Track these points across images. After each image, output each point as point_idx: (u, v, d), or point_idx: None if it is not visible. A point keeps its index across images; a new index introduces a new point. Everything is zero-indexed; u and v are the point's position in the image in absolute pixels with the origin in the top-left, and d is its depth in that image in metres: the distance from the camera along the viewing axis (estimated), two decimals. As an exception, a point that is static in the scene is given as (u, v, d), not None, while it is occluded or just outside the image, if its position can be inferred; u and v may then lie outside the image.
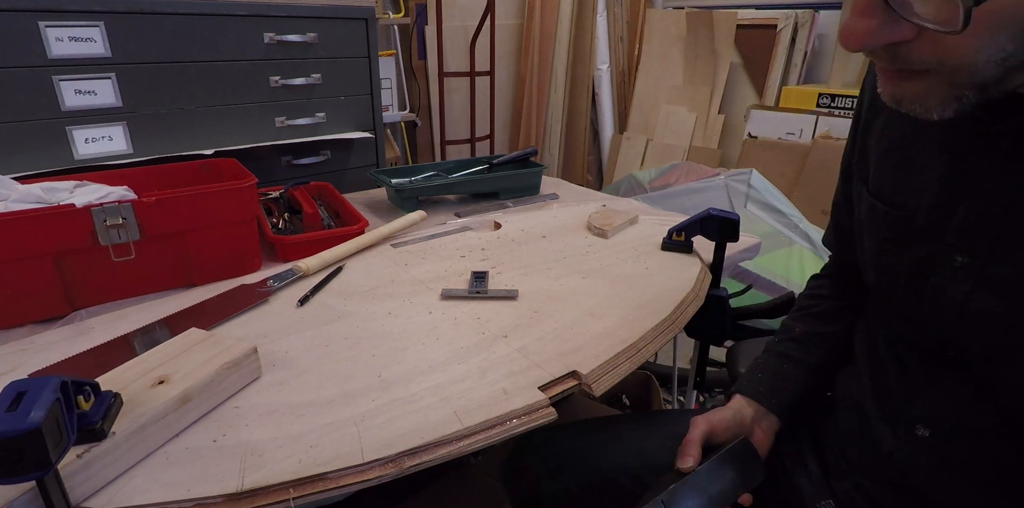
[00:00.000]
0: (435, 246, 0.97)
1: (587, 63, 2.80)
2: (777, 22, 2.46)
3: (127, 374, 0.54)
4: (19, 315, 0.72)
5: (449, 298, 0.79)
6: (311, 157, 1.29)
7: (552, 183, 1.36)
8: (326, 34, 1.20)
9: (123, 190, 0.82)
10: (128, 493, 0.46)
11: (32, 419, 0.36)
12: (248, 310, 0.76)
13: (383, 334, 0.70)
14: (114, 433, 0.46)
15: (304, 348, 0.67)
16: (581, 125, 2.92)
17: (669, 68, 2.77)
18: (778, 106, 2.46)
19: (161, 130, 1.07)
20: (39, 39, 0.91)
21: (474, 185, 1.22)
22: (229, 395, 0.58)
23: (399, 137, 2.59)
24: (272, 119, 1.20)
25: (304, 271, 0.84)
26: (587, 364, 0.63)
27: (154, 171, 0.95)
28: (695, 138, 2.70)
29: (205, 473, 0.48)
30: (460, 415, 0.55)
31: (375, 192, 1.29)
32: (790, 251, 1.83)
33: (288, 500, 0.46)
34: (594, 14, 2.73)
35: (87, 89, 0.97)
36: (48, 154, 0.97)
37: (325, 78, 1.24)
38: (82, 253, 0.73)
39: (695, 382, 1.05)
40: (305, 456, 0.50)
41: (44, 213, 0.69)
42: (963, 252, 0.47)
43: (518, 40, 2.82)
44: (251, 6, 1.10)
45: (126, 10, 0.97)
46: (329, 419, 0.55)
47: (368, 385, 0.60)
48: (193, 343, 0.60)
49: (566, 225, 1.06)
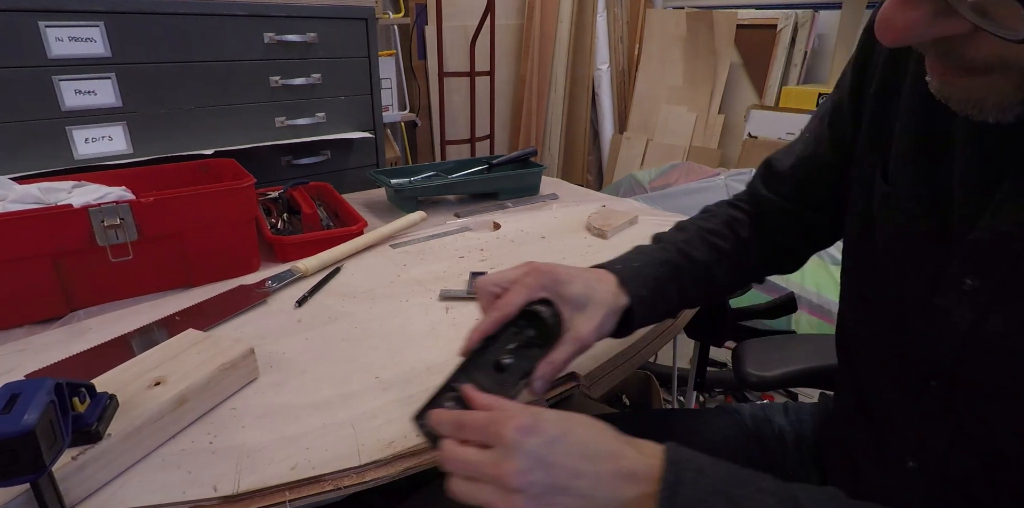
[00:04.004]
0: (434, 247, 0.97)
1: (587, 63, 2.80)
2: (777, 22, 2.46)
3: (124, 375, 0.54)
4: (17, 316, 0.72)
5: (448, 299, 0.78)
6: (311, 157, 1.29)
7: (552, 183, 1.36)
8: (326, 34, 1.20)
9: (121, 190, 0.82)
10: (123, 495, 0.46)
11: (26, 421, 0.35)
12: (246, 311, 0.75)
13: (381, 335, 0.70)
14: (110, 435, 0.46)
15: (302, 349, 0.67)
16: (581, 125, 2.91)
17: (669, 68, 2.76)
18: (778, 106, 2.46)
19: (161, 130, 1.06)
20: (39, 39, 0.91)
21: (473, 185, 1.22)
22: (226, 396, 0.57)
23: (399, 137, 2.59)
24: (272, 119, 1.20)
25: (303, 272, 0.84)
26: (586, 365, 0.63)
27: (153, 171, 0.95)
28: (695, 138, 2.70)
29: (201, 475, 0.48)
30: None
31: (375, 192, 1.29)
32: (790, 251, 1.82)
33: (284, 502, 0.46)
34: (594, 14, 2.73)
35: (87, 89, 0.97)
36: (48, 154, 0.96)
37: (325, 78, 1.23)
38: (80, 254, 0.73)
39: (695, 382, 1.05)
40: (302, 458, 0.49)
41: (42, 214, 0.69)
42: (974, 275, 0.41)
43: (518, 40, 2.82)
44: (251, 6, 1.09)
45: (126, 10, 0.97)
46: (326, 420, 0.54)
47: (366, 386, 0.60)
48: (190, 344, 0.59)
49: (565, 225, 1.05)
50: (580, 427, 0.39)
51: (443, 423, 0.42)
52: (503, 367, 0.48)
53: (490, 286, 0.52)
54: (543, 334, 0.50)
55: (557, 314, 0.50)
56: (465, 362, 0.49)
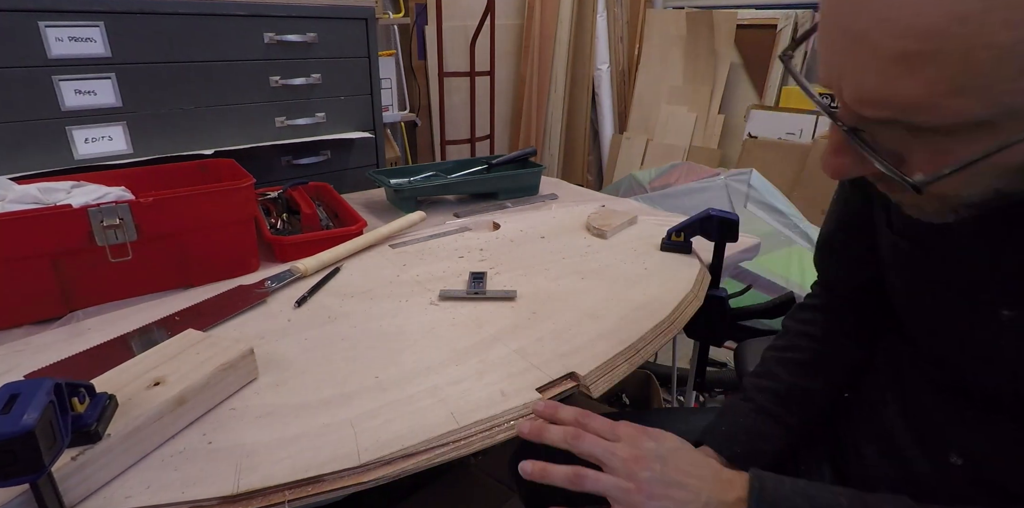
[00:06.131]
0: (433, 247, 0.97)
1: (587, 63, 2.80)
2: (777, 22, 2.46)
3: (123, 375, 0.54)
4: (16, 316, 0.72)
5: (447, 299, 0.78)
6: (311, 157, 1.29)
7: (551, 183, 1.36)
8: (326, 34, 1.20)
9: (120, 190, 0.82)
10: (123, 496, 0.46)
11: (25, 422, 0.35)
12: (245, 311, 0.75)
13: (381, 335, 0.70)
14: (109, 435, 0.46)
15: (301, 349, 0.67)
16: (581, 125, 2.91)
17: (669, 68, 2.76)
18: (778, 106, 2.46)
19: (161, 130, 1.06)
20: (39, 39, 0.91)
21: (473, 185, 1.22)
22: (225, 397, 0.57)
23: (399, 137, 2.59)
24: (272, 119, 1.20)
25: (302, 272, 0.84)
26: (585, 365, 0.63)
27: (152, 171, 0.95)
28: (695, 138, 2.70)
29: (200, 475, 0.48)
30: (457, 416, 0.55)
31: (374, 192, 1.29)
32: (790, 251, 1.82)
33: (283, 503, 0.46)
34: (594, 14, 2.73)
35: (87, 89, 0.97)
36: (48, 154, 0.96)
37: (325, 78, 1.23)
38: (79, 254, 0.73)
39: (695, 382, 1.05)
40: (301, 458, 0.49)
41: (41, 214, 0.69)
42: (1010, 306, 0.43)
43: (518, 40, 2.82)
44: (251, 6, 1.09)
45: (126, 10, 0.97)
46: (326, 420, 0.54)
47: (365, 386, 0.60)
48: (190, 344, 0.59)
49: (565, 225, 1.05)
50: (684, 445, 0.51)
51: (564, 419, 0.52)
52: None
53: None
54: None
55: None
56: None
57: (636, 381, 1.42)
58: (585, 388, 0.62)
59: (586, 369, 0.62)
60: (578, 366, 0.63)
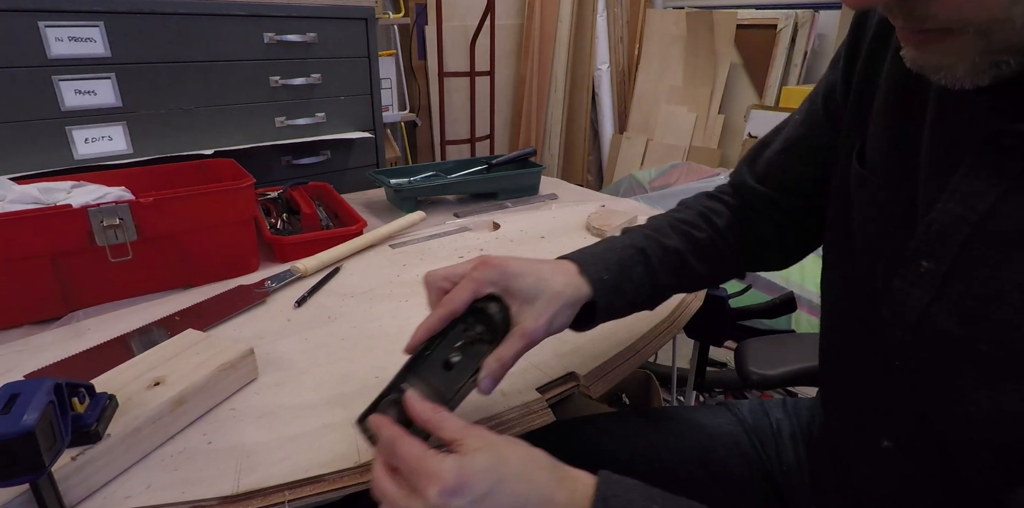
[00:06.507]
0: (434, 247, 0.97)
1: (587, 63, 2.80)
2: (777, 22, 2.46)
3: (123, 375, 0.54)
4: (15, 316, 0.72)
5: (447, 299, 0.78)
6: (311, 157, 1.29)
7: (551, 183, 1.36)
8: (326, 34, 1.20)
9: (120, 190, 0.82)
10: (123, 496, 0.46)
11: (25, 422, 0.35)
12: (245, 311, 0.75)
13: (381, 335, 0.70)
14: (109, 435, 0.46)
15: (301, 349, 0.67)
16: (581, 125, 2.91)
17: (669, 68, 2.76)
18: (778, 106, 2.46)
19: (161, 130, 1.06)
20: (39, 39, 0.90)
21: (473, 185, 1.22)
22: (225, 397, 0.57)
23: (399, 137, 2.59)
24: (272, 119, 1.20)
25: (302, 272, 0.84)
26: (585, 365, 0.63)
27: (152, 171, 0.95)
28: (695, 138, 2.70)
29: (200, 475, 0.48)
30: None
31: (374, 192, 1.29)
32: (790, 251, 1.82)
33: (283, 502, 0.46)
34: (594, 14, 2.73)
35: (87, 89, 0.97)
36: (48, 154, 0.96)
37: (325, 78, 1.23)
38: (79, 254, 0.73)
39: (695, 382, 1.05)
40: (301, 458, 0.49)
41: (41, 214, 0.69)
42: (928, 257, 0.40)
43: (518, 40, 2.82)
44: (251, 6, 1.09)
45: (126, 10, 0.97)
46: (326, 421, 0.54)
47: (365, 386, 0.60)
48: (190, 344, 0.59)
49: (565, 225, 1.05)
50: (510, 477, 0.37)
51: (380, 438, 0.40)
52: (451, 365, 0.47)
53: (439, 281, 0.50)
54: (491, 330, 0.48)
55: (505, 309, 0.48)
56: (412, 360, 0.47)
57: (636, 381, 1.42)
58: (585, 388, 0.62)
59: (586, 369, 0.62)
60: (578, 366, 0.63)
